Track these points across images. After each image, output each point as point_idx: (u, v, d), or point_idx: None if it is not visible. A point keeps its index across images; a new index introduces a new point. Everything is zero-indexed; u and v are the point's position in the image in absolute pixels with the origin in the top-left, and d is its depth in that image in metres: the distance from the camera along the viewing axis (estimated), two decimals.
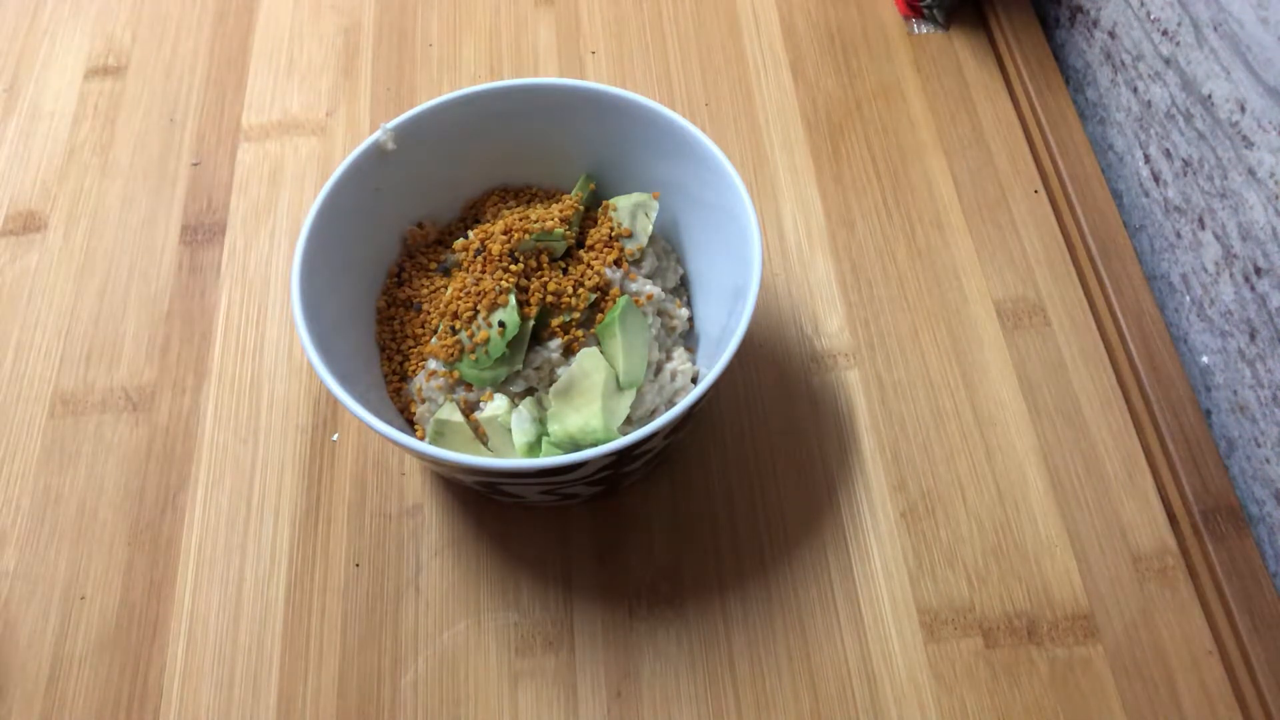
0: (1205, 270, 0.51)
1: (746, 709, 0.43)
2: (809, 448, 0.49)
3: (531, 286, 0.44)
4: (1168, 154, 0.54)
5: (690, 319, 0.49)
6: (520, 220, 0.45)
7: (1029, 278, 0.53)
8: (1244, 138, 0.47)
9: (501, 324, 0.43)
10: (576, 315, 0.45)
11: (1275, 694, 0.42)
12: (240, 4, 0.65)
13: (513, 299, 0.43)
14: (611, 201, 0.48)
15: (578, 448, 0.42)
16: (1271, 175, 0.45)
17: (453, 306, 0.44)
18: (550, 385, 0.44)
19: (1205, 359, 0.51)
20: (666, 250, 0.49)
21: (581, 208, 0.48)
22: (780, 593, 0.45)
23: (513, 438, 0.43)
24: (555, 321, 0.44)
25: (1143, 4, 0.55)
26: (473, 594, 0.45)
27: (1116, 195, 0.58)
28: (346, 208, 0.46)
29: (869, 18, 0.63)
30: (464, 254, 0.45)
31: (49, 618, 0.45)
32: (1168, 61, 0.53)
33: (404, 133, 0.47)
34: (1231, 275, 0.49)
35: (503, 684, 0.43)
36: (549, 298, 0.44)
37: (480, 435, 0.43)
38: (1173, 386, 0.50)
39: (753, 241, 0.43)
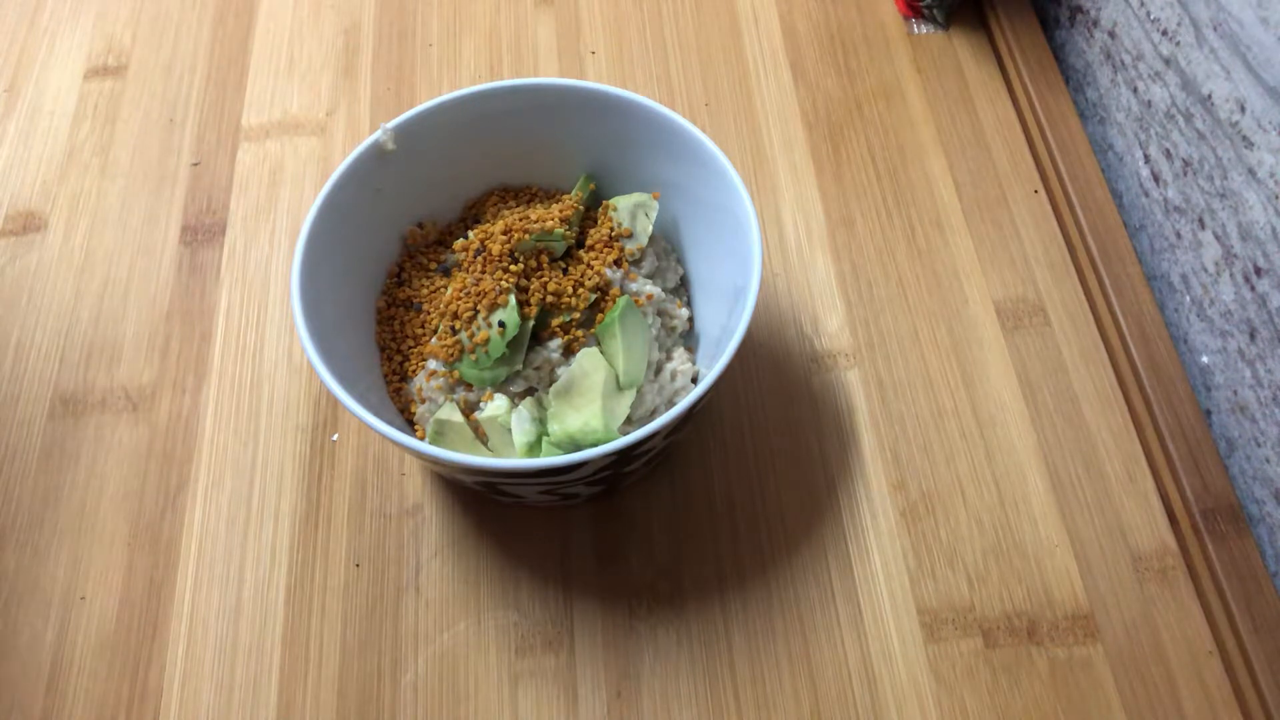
0: (1205, 270, 0.51)
1: (746, 709, 0.43)
2: (809, 448, 0.49)
3: (531, 286, 0.44)
4: (1168, 154, 0.54)
5: (690, 319, 0.49)
6: (520, 220, 0.45)
7: (1029, 278, 0.53)
8: (1244, 138, 0.47)
9: (501, 324, 0.43)
10: (576, 315, 0.45)
11: (1275, 694, 0.42)
12: (240, 4, 0.65)
13: (513, 299, 0.43)
14: (611, 201, 0.48)
15: (578, 448, 0.42)
16: (1271, 175, 0.45)
17: (453, 306, 0.44)
18: (550, 385, 0.44)
19: (1205, 359, 0.51)
20: (666, 250, 0.49)
21: (581, 208, 0.48)
22: (780, 593, 0.45)
23: (513, 438, 0.43)
24: (555, 321, 0.44)
25: (1143, 4, 0.55)
26: (473, 594, 0.45)
27: (1116, 195, 0.58)
28: (346, 208, 0.46)
29: (869, 18, 0.63)
30: (464, 254, 0.45)
31: (49, 618, 0.45)
32: (1168, 61, 0.53)
33: (404, 133, 0.47)
34: (1231, 275, 0.49)
35: (503, 684, 0.43)
36: (549, 298, 0.44)
37: (480, 435, 0.43)
38: (1173, 386, 0.50)
39: (753, 241, 0.43)
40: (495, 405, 0.43)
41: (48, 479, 0.48)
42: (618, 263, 0.46)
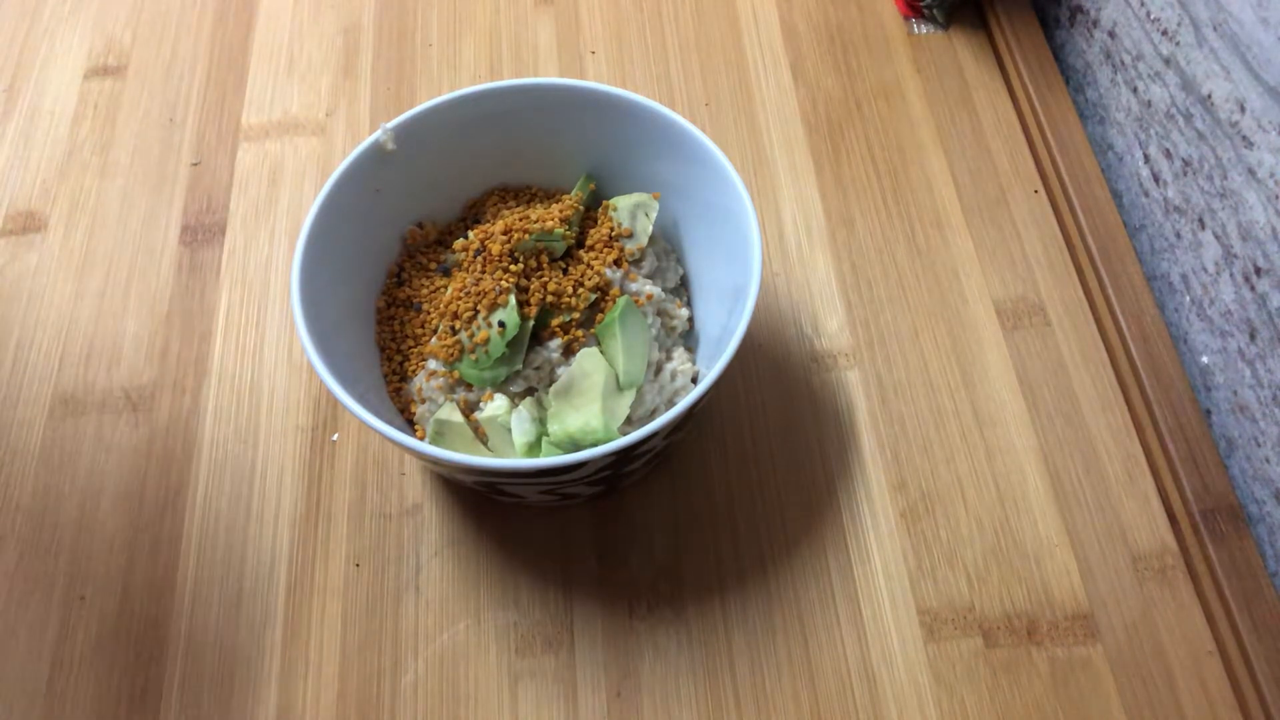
0: (1205, 270, 0.51)
1: (746, 709, 0.43)
2: (809, 448, 0.49)
3: (531, 286, 0.44)
4: (1168, 154, 0.54)
5: (690, 319, 0.49)
6: (520, 220, 0.45)
7: (1029, 278, 0.53)
8: (1244, 138, 0.47)
9: (501, 324, 0.43)
10: (576, 315, 0.45)
11: (1275, 694, 0.42)
12: (240, 4, 0.65)
13: (513, 299, 0.43)
14: (611, 201, 0.48)
15: (578, 448, 0.42)
16: (1271, 175, 0.45)
17: (453, 306, 0.44)
18: (550, 385, 0.44)
19: (1205, 359, 0.51)
20: (666, 250, 0.49)
21: (581, 208, 0.48)
22: (780, 593, 0.45)
23: (513, 438, 0.43)
24: (555, 321, 0.44)
25: (1143, 4, 0.55)
26: (473, 594, 0.45)
27: (1116, 195, 0.58)
28: (346, 208, 0.46)
29: (869, 18, 0.63)
30: (464, 254, 0.45)
31: (49, 618, 0.45)
32: (1168, 61, 0.53)
33: (404, 133, 0.47)
34: (1231, 275, 0.49)
35: (503, 684, 0.43)
36: (549, 298, 0.44)
37: (480, 435, 0.43)
38: (1173, 386, 0.50)
39: (753, 241, 0.43)
40: (495, 405, 0.43)
41: (48, 479, 0.48)
42: (618, 263, 0.46)
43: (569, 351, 0.44)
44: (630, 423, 0.44)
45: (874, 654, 0.44)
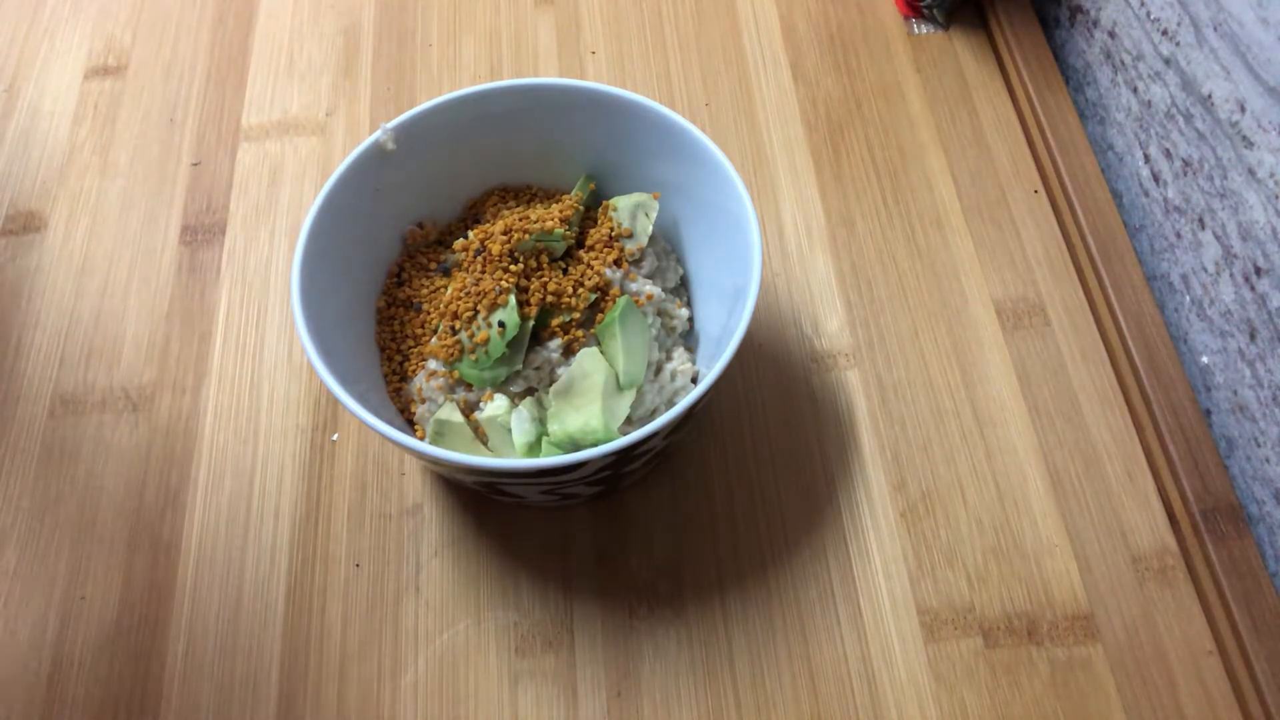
0: (1205, 270, 0.51)
1: (746, 709, 0.43)
2: (809, 448, 0.49)
3: (531, 286, 0.44)
4: (1168, 154, 0.54)
5: (690, 319, 0.49)
6: (520, 220, 0.46)
7: (1029, 278, 0.53)
8: (1244, 138, 0.47)
9: (501, 324, 0.43)
10: (576, 315, 0.45)
11: (1275, 694, 0.42)
12: (240, 4, 0.65)
13: (513, 299, 0.43)
14: (611, 201, 0.48)
15: (578, 448, 0.42)
16: (1271, 175, 0.45)
17: (453, 307, 0.44)
18: (550, 385, 0.44)
19: (1205, 359, 0.51)
20: (666, 250, 0.49)
21: (581, 208, 0.48)
22: (780, 593, 0.45)
23: (513, 438, 0.43)
24: (555, 321, 0.44)
25: (1143, 4, 0.55)
26: (473, 594, 0.45)
27: (1116, 195, 0.58)
28: (346, 208, 0.46)
29: (869, 18, 0.63)
30: (464, 254, 0.45)
31: (49, 618, 0.45)
32: (1168, 61, 0.53)
33: (404, 133, 0.47)
34: (1231, 275, 0.49)
35: (503, 684, 0.43)
36: (549, 298, 0.44)
37: (480, 435, 0.43)
38: (1173, 386, 0.50)
39: (753, 241, 0.43)
40: (495, 405, 0.43)
41: (48, 479, 0.48)
42: (618, 263, 0.46)
43: (569, 351, 0.44)
44: (630, 423, 0.44)
45: (874, 654, 0.44)
